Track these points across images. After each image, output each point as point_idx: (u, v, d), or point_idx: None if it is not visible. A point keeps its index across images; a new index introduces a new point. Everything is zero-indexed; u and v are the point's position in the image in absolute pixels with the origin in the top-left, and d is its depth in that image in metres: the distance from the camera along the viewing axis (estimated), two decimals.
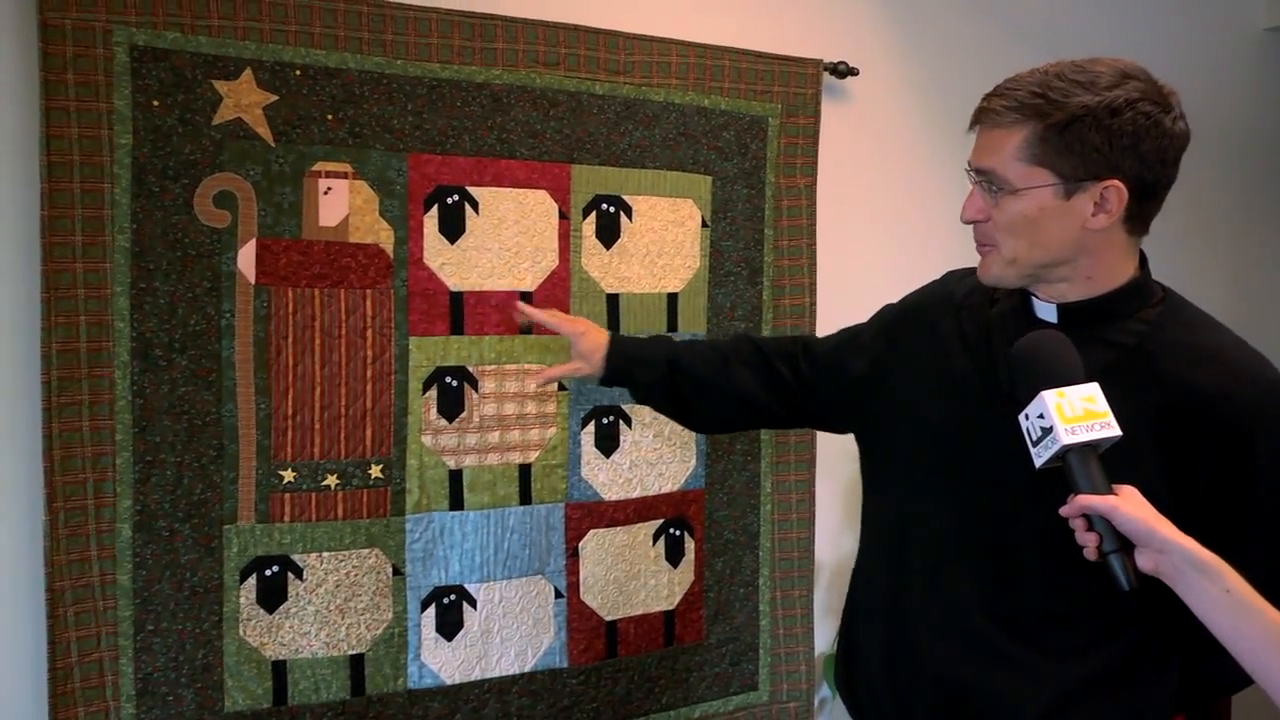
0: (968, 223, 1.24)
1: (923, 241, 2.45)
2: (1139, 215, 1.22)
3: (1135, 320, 1.23)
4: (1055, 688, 1.24)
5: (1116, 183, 1.17)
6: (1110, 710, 1.25)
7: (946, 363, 1.33)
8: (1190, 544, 1.06)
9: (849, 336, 1.54)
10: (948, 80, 2.41)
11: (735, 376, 1.58)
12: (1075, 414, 1.08)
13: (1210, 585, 1.04)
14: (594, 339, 1.66)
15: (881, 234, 2.40)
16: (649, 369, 1.62)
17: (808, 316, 2.20)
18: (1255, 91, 2.89)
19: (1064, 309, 1.26)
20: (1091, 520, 1.10)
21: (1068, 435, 1.09)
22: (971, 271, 1.36)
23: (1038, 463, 1.12)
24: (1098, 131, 1.15)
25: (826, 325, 2.19)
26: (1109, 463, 1.12)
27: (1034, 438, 1.12)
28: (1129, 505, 1.08)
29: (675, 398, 1.61)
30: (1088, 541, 1.10)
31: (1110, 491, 1.10)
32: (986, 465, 1.26)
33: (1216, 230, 2.87)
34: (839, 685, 1.50)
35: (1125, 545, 1.09)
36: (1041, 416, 1.10)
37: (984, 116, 1.20)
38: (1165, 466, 1.17)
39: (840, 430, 1.58)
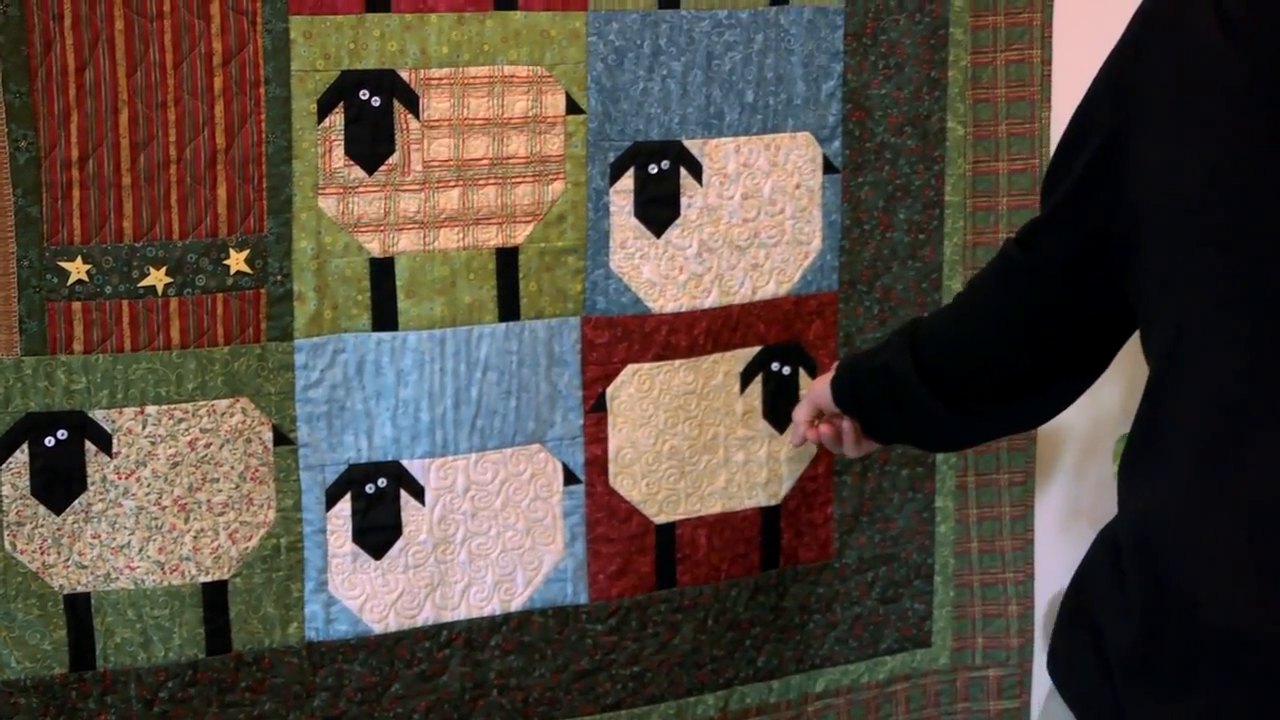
0: None
1: None
2: None
3: None
4: None
5: None
6: None
7: (1204, 74, 1.27)
8: None
9: (1057, 155, 1.52)
10: None
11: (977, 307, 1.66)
12: None
13: None
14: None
15: None
16: (882, 353, 1.75)
17: None
18: None
19: None
20: None
21: None
22: None
23: None
24: None
25: None
26: None
27: None
28: None
29: (940, 383, 1.66)
30: None
31: None
32: None
33: None
34: (1058, 677, 1.49)
35: None
36: None
37: None
38: None
39: (1125, 322, 1.54)
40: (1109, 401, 2.34)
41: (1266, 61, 1.24)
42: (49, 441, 1.69)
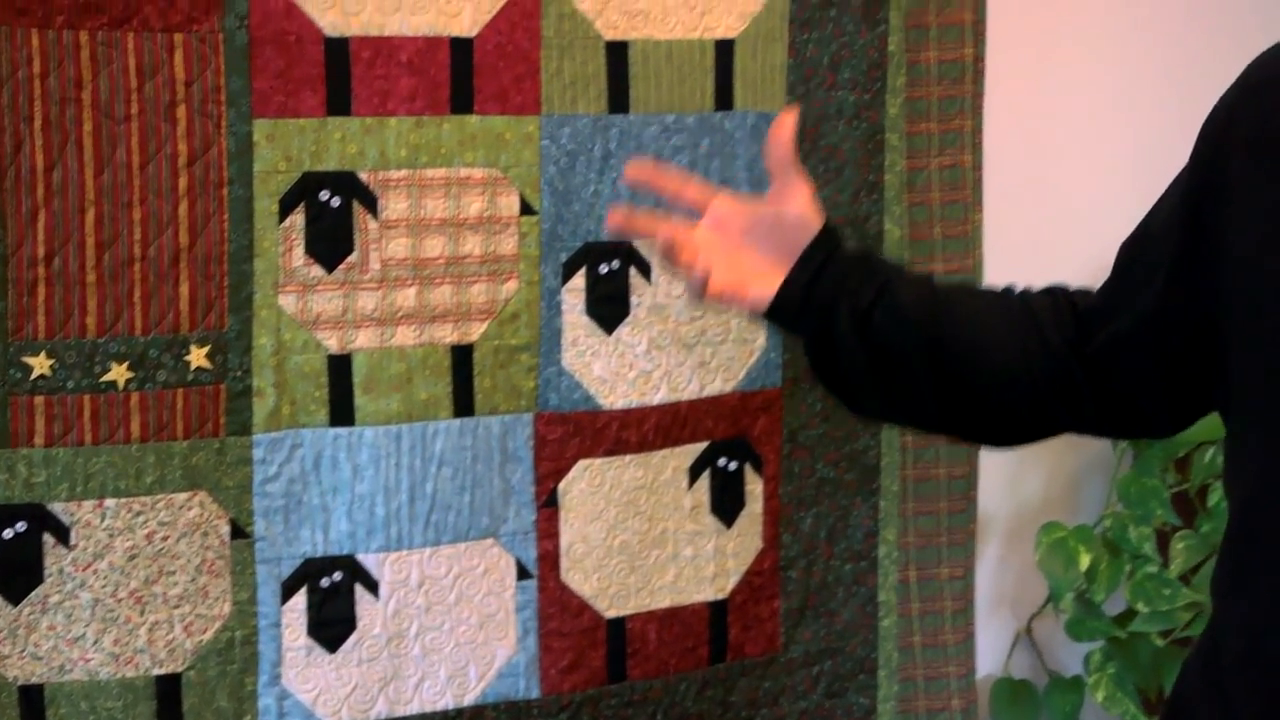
0: None
1: None
2: None
3: None
4: None
5: None
6: None
7: None
8: None
9: (1136, 234, 1.42)
10: None
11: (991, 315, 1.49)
12: None
13: None
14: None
15: None
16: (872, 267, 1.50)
17: (969, 80, 2.16)
18: None
19: None
20: None
21: None
22: None
23: None
24: None
25: (1004, 95, 2.26)
26: None
27: None
28: None
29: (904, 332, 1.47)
30: None
31: None
32: None
33: None
34: None
35: None
36: None
37: None
38: None
39: (1176, 421, 1.45)
40: (1031, 490, 2.40)
41: None
42: (7, 534, 1.70)
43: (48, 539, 1.72)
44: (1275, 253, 1.25)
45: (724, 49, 2.00)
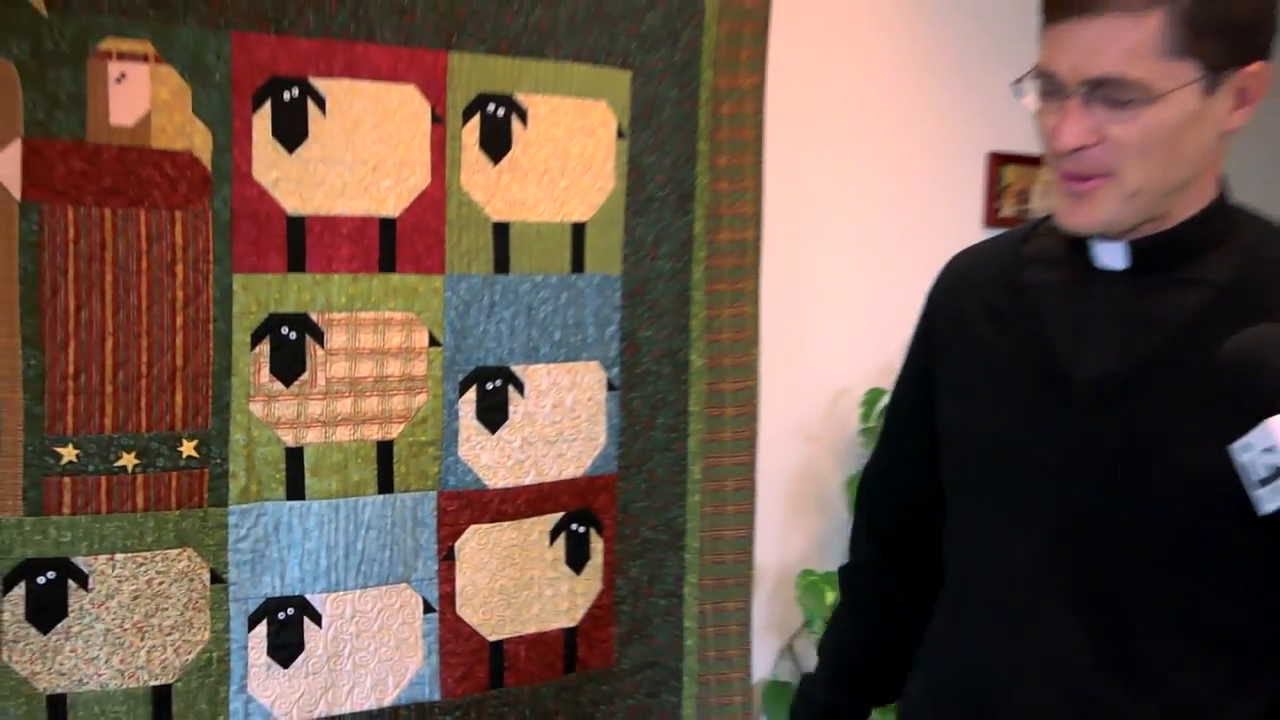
0: (1070, 151, 1.15)
1: (907, 158, 2.57)
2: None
3: (1223, 250, 1.19)
4: None
5: (1258, 66, 1.14)
6: None
7: (980, 350, 1.32)
8: None
9: (893, 396, 1.52)
10: None
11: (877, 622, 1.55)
12: None
13: None
14: None
15: (852, 152, 2.50)
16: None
17: (750, 254, 2.30)
18: None
19: (1139, 247, 1.21)
20: None
21: None
22: (981, 248, 1.39)
23: (1265, 508, 1.08)
24: None
25: (774, 266, 2.36)
26: (1191, 436, 1.13)
27: (1259, 476, 1.07)
28: None
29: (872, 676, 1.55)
30: None
31: None
32: (1058, 481, 1.23)
33: None
34: None
35: None
36: (1272, 450, 1.05)
37: (1091, 3, 1.11)
38: None
39: None
40: (793, 547, 2.50)
41: (1019, 338, 1.26)
42: (41, 580, 1.77)
43: (71, 584, 1.79)
44: (953, 395, 1.36)
45: (578, 229, 2.10)
